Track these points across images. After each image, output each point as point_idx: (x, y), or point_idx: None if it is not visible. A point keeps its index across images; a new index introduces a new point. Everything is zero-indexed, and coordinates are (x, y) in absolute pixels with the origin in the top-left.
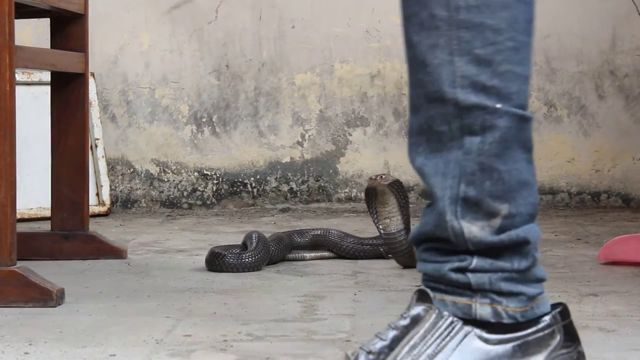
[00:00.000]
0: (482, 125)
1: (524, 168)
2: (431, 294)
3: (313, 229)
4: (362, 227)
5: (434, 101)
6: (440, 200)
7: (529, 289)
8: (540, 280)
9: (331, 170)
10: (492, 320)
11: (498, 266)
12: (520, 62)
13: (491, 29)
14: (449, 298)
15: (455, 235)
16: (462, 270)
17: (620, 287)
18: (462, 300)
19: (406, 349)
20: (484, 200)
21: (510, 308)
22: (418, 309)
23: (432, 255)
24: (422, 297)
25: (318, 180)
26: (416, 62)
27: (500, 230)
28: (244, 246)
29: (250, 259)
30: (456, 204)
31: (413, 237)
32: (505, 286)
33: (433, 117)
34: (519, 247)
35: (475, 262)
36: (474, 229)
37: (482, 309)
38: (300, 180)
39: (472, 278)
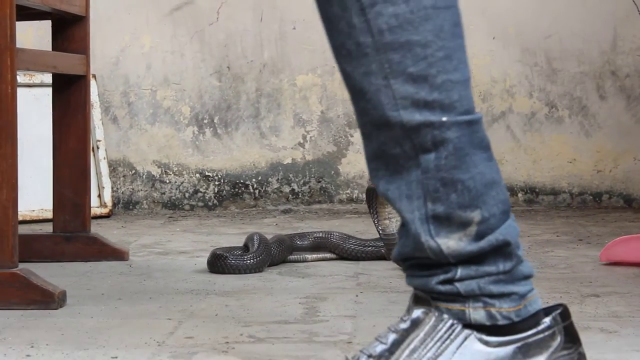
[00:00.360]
0: (433, 142)
1: (486, 169)
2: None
3: (314, 232)
4: (364, 228)
5: (381, 127)
6: (412, 223)
7: (519, 288)
8: (527, 277)
9: (333, 172)
10: (487, 323)
11: (484, 271)
12: (455, 68)
13: (419, 45)
14: (442, 305)
15: (434, 253)
16: (449, 281)
17: (621, 288)
18: (455, 306)
19: (406, 352)
20: (454, 213)
21: (504, 309)
22: (418, 312)
23: (417, 270)
24: (421, 300)
25: (319, 182)
26: (355, 91)
27: (478, 236)
28: (245, 248)
29: (252, 260)
30: (427, 223)
31: (395, 257)
32: (495, 288)
33: (384, 141)
34: (501, 250)
35: (460, 271)
36: (451, 243)
37: (476, 313)
38: (302, 181)
39: (460, 287)
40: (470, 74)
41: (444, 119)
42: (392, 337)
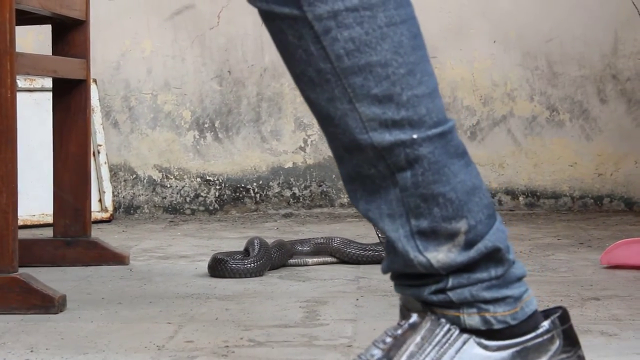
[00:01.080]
0: (407, 160)
1: (465, 176)
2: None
3: (315, 238)
4: (365, 232)
5: (352, 150)
6: (398, 241)
7: (513, 291)
8: (520, 278)
9: (334, 175)
10: (483, 328)
11: (475, 278)
12: (419, 82)
13: (379, 65)
14: (437, 310)
15: (424, 268)
16: (441, 291)
17: (622, 291)
18: (450, 312)
19: (404, 357)
20: (439, 226)
21: (499, 313)
22: (414, 317)
23: (407, 280)
24: (415, 305)
25: (320, 186)
26: (322, 117)
27: (467, 245)
28: (246, 252)
29: (252, 264)
30: (414, 239)
31: (384, 270)
32: (489, 294)
33: (358, 164)
34: (492, 256)
35: (451, 281)
36: (441, 256)
37: (471, 318)
38: (303, 185)
39: (453, 296)
40: (436, 84)
41: (415, 136)
42: (389, 341)
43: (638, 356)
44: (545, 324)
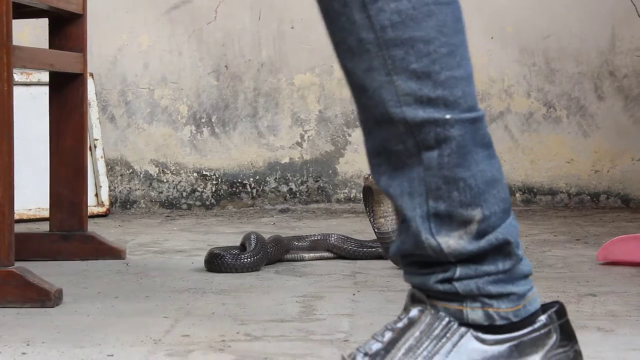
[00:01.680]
0: (437, 139)
1: (487, 167)
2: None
3: (312, 235)
4: (361, 228)
5: (383, 123)
6: (412, 220)
7: (518, 288)
8: (526, 275)
9: (330, 171)
10: (485, 323)
11: (483, 270)
12: (458, 64)
13: (422, 41)
14: (440, 304)
15: (434, 251)
16: (448, 280)
17: (618, 287)
18: (453, 306)
19: (402, 350)
20: (456, 211)
21: (502, 309)
22: (414, 311)
23: (416, 268)
24: (418, 298)
25: (317, 181)
26: (356, 88)
27: (479, 235)
28: (242, 247)
29: (249, 259)
30: (429, 221)
31: (394, 253)
32: (494, 288)
33: (386, 138)
34: (501, 249)
35: (459, 271)
36: (452, 242)
37: (474, 313)
38: (300, 180)
39: (459, 286)
40: (472, 71)
41: (448, 116)
42: (388, 335)
43: (634, 352)
44: (542, 318)
